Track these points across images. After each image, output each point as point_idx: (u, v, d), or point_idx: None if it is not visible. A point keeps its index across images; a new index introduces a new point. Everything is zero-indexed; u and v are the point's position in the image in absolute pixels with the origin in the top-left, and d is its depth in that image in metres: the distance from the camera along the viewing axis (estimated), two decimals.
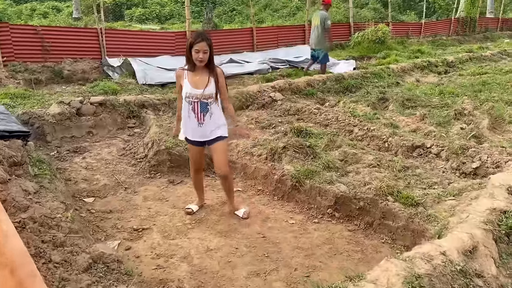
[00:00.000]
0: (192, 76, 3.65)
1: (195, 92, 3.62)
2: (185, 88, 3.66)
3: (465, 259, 2.72)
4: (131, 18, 24.84)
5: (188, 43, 3.53)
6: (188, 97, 3.65)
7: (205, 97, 3.62)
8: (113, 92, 7.59)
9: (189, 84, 3.64)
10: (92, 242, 3.36)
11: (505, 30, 22.17)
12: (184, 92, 3.68)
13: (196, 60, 3.54)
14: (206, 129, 3.74)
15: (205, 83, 3.61)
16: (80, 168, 5.11)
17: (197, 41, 3.47)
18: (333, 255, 3.53)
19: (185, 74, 3.69)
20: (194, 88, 3.62)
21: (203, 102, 3.65)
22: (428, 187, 4.17)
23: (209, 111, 3.69)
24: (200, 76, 3.63)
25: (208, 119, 3.71)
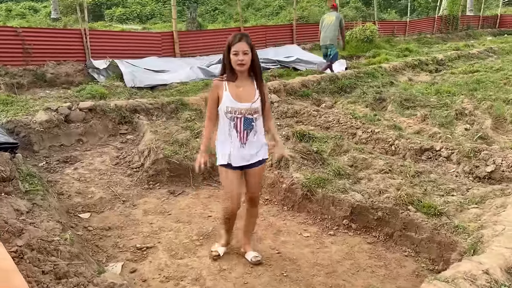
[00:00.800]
0: (233, 87, 3.02)
1: (239, 106, 2.99)
2: (225, 101, 3.01)
3: (509, 277, 2.53)
4: (111, 18, 24.22)
5: (226, 46, 2.98)
6: (229, 112, 3.01)
7: (250, 112, 3.02)
8: (101, 96, 7.21)
9: (230, 96, 3.00)
10: (95, 267, 3.05)
11: (486, 28, 22.44)
12: (223, 107, 3.02)
13: (235, 65, 2.94)
14: (248, 150, 3.11)
15: (251, 95, 3.02)
16: (72, 180, 4.76)
17: (235, 41, 2.92)
18: (356, 272, 3.30)
19: (224, 85, 3.03)
20: (237, 102, 2.99)
21: (247, 118, 3.03)
22: (446, 194, 3.99)
23: (253, 128, 3.07)
24: (243, 87, 3.02)
25: (252, 138, 3.09)
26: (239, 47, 2.91)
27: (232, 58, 2.95)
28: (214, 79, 3.16)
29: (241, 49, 2.91)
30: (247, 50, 2.93)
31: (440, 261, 3.31)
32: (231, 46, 2.93)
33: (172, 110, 6.58)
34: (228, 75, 3.04)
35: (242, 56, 2.92)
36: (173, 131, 5.58)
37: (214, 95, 3.09)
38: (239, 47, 2.91)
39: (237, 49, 2.91)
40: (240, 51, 2.91)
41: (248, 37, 2.98)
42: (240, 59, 2.92)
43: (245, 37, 2.96)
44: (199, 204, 4.39)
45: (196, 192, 4.67)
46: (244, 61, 2.93)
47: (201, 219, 4.10)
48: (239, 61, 2.92)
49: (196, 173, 4.84)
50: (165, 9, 25.55)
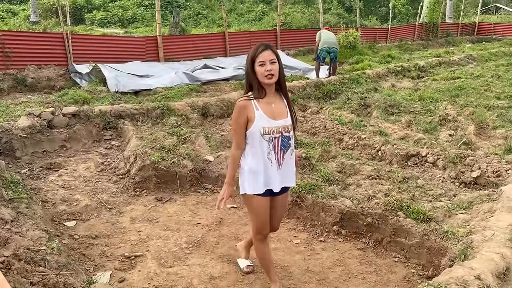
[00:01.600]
0: (265, 105, 2.65)
1: (276, 125, 2.65)
2: (260, 122, 2.63)
3: (500, 282, 2.56)
4: (92, 22, 23.90)
5: (249, 59, 2.64)
6: (267, 133, 2.64)
7: (287, 130, 2.71)
8: (84, 101, 7.11)
9: (265, 115, 2.63)
10: (83, 276, 2.97)
11: (465, 35, 22.97)
12: (257, 129, 2.63)
13: (263, 77, 2.58)
14: (285, 171, 2.79)
15: (283, 110, 2.70)
16: (56, 187, 4.64)
17: (259, 51, 2.60)
18: (347, 279, 3.30)
19: (253, 104, 2.64)
20: (273, 120, 2.64)
21: (285, 137, 2.71)
22: (434, 199, 4.04)
23: (290, 147, 2.77)
24: (275, 103, 2.69)
25: (289, 158, 2.78)
26: (265, 57, 2.58)
27: (258, 70, 2.59)
28: (239, 100, 2.70)
29: (268, 59, 2.58)
30: (274, 59, 2.60)
31: (430, 266, 3.33)
32: (255, 57, 2.60)
33: (158, 116, 6.50)
34: (255, 92, 2.66)
35: (270, 65, 2.58)
36: (159, 136, 5.51)
37: (242, 119, 2.66)
38: (265, 56, 2.58)
39: (263, 59, 2.58)
40: (267, 61, 2.57)
41: (272, 46, 2.67)
42: (268, 69, 2.57)
43: (270, 46, 2.65)
44: (187, 211, 4.34)
45: (184, 199, 4.61)
46: (273, 71, 2.58)
47: (190, 226, 4.04)
48: (267, 72, 2.57)
49: (184, 180, 4.83)
50: (147, 13, 25.36)
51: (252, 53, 2.63)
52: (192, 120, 6.57)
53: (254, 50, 2.62)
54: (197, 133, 5.93)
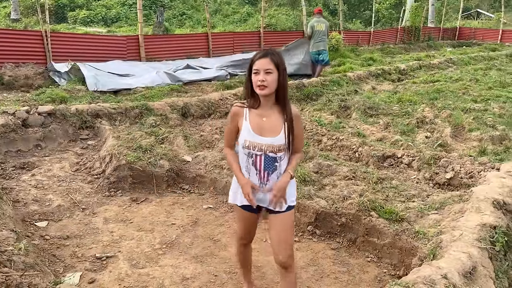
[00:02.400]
0: (255, 117, 2.46)
1: (259, 141, 2.44)
2: (243, 133, 2.48)
3: (466, 281, 2.59)
4: (75, 21, 23.60)
5: (248, 66, 2.44)
6: (247, 147, 2.46)
7: (273, 150, 2.44)
8: (61, 100, 7.01)
9: (250, 128, 2.45)
10: (52, 277, 2.92)
11: (446, 39, 23.34)
12: (241, 139, 2.50)
13: (255, 85, 2.37)
14: (269, 194, 2.51)
15: (276, 128, 2.45)
16: (29, 187, 4.56)
17: (256, 58, 2.39)
18: (320, 278, 3.31)
19: (245, 112, 2.49)
20: (257, 135, 2.44)
21: (268, 157, 2.45)
22: (407, 200, 4.08)
23: (277, 169, 2.49)
24: (268, 118, 2.46)
25: (275, 179, 2.50)
26: (260, 65, 2.36)
27: (253, 78, 2.39)
28: (234, 105, 2.58)
29: (262, 67, 2.34)
30: (271, 69, 2.34)
31: (402, 266, 3.37)
32: (252, 64, 2.41)
33: (136, 115, 6.44)
34: (250, 101, 2.48)
35: (263, 75, 2.33)
36: (136, 136, 5.46)
37: (232, 125, 2.55)
38: (260, 65, 2.35)
39: (258, 67, 2.36)
40: (262, 70, 2.34)
41: (275, 54, 2.39)
42: (260, 79, 2.33)
43: (271, 53, 2.39)
44: (163, 211, 4.30)
45: (159, 199, 4.58)
46: (266, 82, 2.33)
47: (165, 227, 4.01)
48: (259, 83, 2.34)
49: (160, 180, 4.78)
50: (131, 13, 25.14)
51: (251, 58, 2.43)
52: (172, 120, 6.53)
53: (254, 55, 2.43)
54: (176, 133, 5.89)
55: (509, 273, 2.95)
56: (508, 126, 6.48)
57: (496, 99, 8.28)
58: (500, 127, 6.39)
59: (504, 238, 3.04)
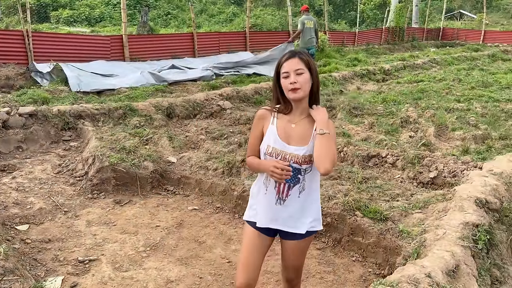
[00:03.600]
0: (284, 122, 2.23)
1: (284, 149, 2.18)
2: (268, 139, 2.22)
3: (450, 280, 2.61)
4: (57, 20, 23.28)
5: (275, 71, 2.23)
6: (269, 154, 2.21)
7: (298, 160, 2.17)
8: (43, 101, 6.88)
9: (276, 133, 2.20)
10: (32, 282, 2.86)
11: (430, 40, 23.62)
12: (264, 145, 2.24)
13: (287, 91, 2.15)
14: (286, 211, 2.25)
15: (305, 136, 2.21)
16: (9, 189, 4.46)
17: (283, 60, 2.19)
18: (305, 279, 3.30)
19: (273, 116, 2.25)
20: (283, 142, 2.19)
21: (293, 169, 2.18)
22: (391, 199, 4.10)
23: (299, 183, 2.22)
24: (298, 125, 2.22)
25: (296, 197, 2.23)
26: (289, 66, 2.15)
27: (282, 83, 2.17)
28: (261, 107, 2.35)
29: (292, 68, 2.13)
30: (302, 68, 2.14)
31: (386, 265, 3.38)
32: (280, 67, 2.19)
33: (120, 116, 6.36)
34: (281, 106, 2.26)
35: (294, 76, 2.12)
36: (120, 137, 5.40)
37: (258, 130, 2.28)
38: (290, 66, 2.14)
39: (288, 68, 2.14)
40: (292, 71, 2.13)
41: (303, 54, 2.20)
42: (291, 80, 2.12)
43: (299, 53, 2.20)
44: (147, 213, 4.25)
45: (144, 201, 4.52)
46: (299, 83, 2.12)
47: (149, 229, 3.96)
48: (290, 85, 2.12)
49: (144, 182, 4.73)
50: (115, 12, 24.90)
51: (277, 63, 2.23)
52: (156, 120, 6.47)
53: (279, 59, 2.23)
54: (161, 134, 5.84)
55: (491, 271, 2.98)
56: (490, 126, 6.57)
57: (479, 98, 8.40)
58: (482, 127, 6.48)
59: (487, 236, 3.07)
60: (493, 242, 3.20)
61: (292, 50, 2.25)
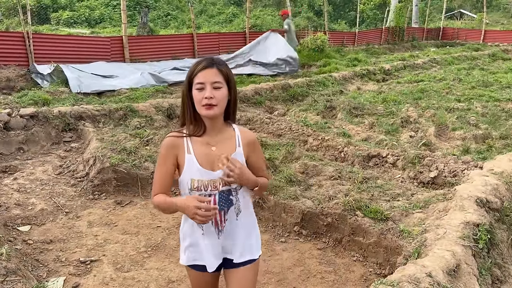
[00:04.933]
0: (201, 147, 1.90)
1: (212, 177, 1.88)
2: (189, 171, 1.88)
3: (451, 279, 2.62)
4: (58, 22, 23.35)
5: (186, 80, 1.86)
6: (196, 189, 1.88)
7: (227, 181, 1.90)
8: (44, 102, 6.89)
9: (197, 163, 1.87)
10: (34, 283, 2.87)
11: (430, 39, 23.63)
12: (185, 180, 1.89)
13: (199, 107, 1.82)
14: (229, 240, 1.98)
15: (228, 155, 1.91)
16: (11, 191, 4.47)
17: (198, 68, 1.82)
18: (306, 279, 3.31)
19: (186, 143, 1.90)
20: (208, 171, 1.88)
21: (223, 193, 1.92)
22: (392, 199, 4.10)
23: (233, 204, 1.95)
24: (218, 146, 1.91)
25: (234, 220, 1.97)
26: (206, 77, 1.81)
27: (195, 95, 1.82)
28: (168, 135, 1.96)
29: (210, 80, 1.80)
30: (220, 81, 1.82)
31: (387, 265, 3.39)
32: (194, 76, 1.82)
33: (121, 117, 6.37)
34: (192, 126, 1.91)
35: (210, 91, 1.80)
36: (121, 138, 5.41)
37: (169, 163, 1.91)
38: (206, 77, 1.81)
39: (203, 79, 1.80)
40: (208, 83, 1.80)
41: (222, 64, 1.86)
42: (207, 95, 1.79)
43: (217, 62, 1.85)
44: (148, 214, 4.26)
45: (145, 202, 4.53)
46: (215, 99, 1.80)
47: (150, 230, 3.97)
48: (205, 101, 1.79)
49: (145, 182, 4.73)
50: (115, 13, 24.95)
51: (189, 71, 1.86)
52: (157, 121, 6.48)
53: (193, 66, 1.85)
54: (161, 135, 5.84)
55: (492, 270, 2.99)
56: (490, 125, 6.58)
57: (479, 98, 8.40)
58: (483, 126, 6.49)
59: (487, 235, 3.08)
60: (494, 242, 3.21)
61: (210, 57, 1.88)
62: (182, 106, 1.93)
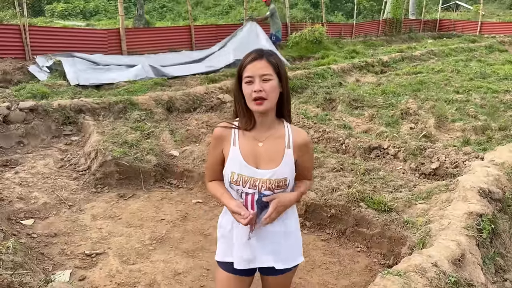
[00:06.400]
0: (248, 141, 1.83)
1: (252, 175, 1.80)
2: (231, 164, 1.82)
3: (456, 268, 2.65)
4: (52, 14, 23.12)
5: (236, 73, 1.80)
6: (235, 182, 1.81)
7: (271, 187, 1.80)
8: (42, 95, 6.85)
9: (240, 157, 1.81)
10: (41, 276, 2.87)
11: (427, 31, 23.61)
12: (227, 172, 1.84)
13: (249, 99, 1.75)
14: (258, 246, 1.87)
15: (274, 157, 1.82)
16: (13, 184, 4.46)
17: (247, 61, 1.75)
18: (311, 269, 3.34)
19: (233, 135, 1.84)
20: (250, 166, 1.80)
21: (263, 196, 1.80)
22: (394, 190, 4.13)
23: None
24: (265, 142, 1.83)
25: (268, 227, 1.85)
26: (254, 69, 1.73)
27: (244, 89, 1.76)
28: (218, 125, 1.91)
29: (258, 73, 1.72)
30: (269, 74, 1.73)
31: (391, 255, 3.42)
32: (243, 69, 1.76)
33: (120, 110, 6.35)
34: (241, 121, 1.84)
35: (260, 84, 1.71)
36: (121, 131, 5.39)
37: (217, 153, 1.88)
38: (255, 69, 1.73)
39: (252, 72, 1.73)
40: (256, 76, 1.72)
41: (272, 55, 1.78)
42: (256, 88, 1.71)
43: (267, 53, 1.77)
44: (151, 207, 4.27)
45: (147, 194, 4.53)
46: (264, 92, 1.72)
47: (154, 222, 3.98)
48: (255, 94, 1.71)
49: (148, 175, 4.74)
50: (110, 5, 24.74)
51: (239, 65, 1.79)
52: (157, 114, 6.46)
53: (243, 59, 1.78)
54: (162, 128, 5.84)
55: (495, 260, 3.02)
56: (489, 116, 6.61)
57: (478, 90, 8.42)
58: (482, 118, 6.51)
59: (490, 225, 3.11)
60: (497, 232, 3.24)
61: (260, 49, 1.79)
62: (234, 100, 1.87)
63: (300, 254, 2.03)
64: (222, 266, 1.97)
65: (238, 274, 1.92)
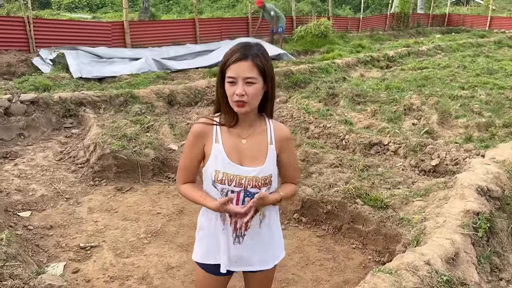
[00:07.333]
0: (231, 137, 1.78)
1: (238, 173, 1.75)
2: (214, 162, 1.76)
3: (449, 267, 2.61)
4: (59, 6, 23.15)
5: (219, 69, 1.72)
6: (220, 181, 1.75)
7: (257, 184, 1.76)
8: (45, 88, 6.86)
9: (224, 154, 1.76)
10: (34, 268, 2.88)
11: (435, 26, 23.34)
12: (209, 171, 1.78)
13: (231, 102, 1.69)
14: (247, 249, 1.85)
15: (259, 154, 1.79)
16: (12, 176, 4.48)
17: (234, 59, 1.65)
18: (305, 265, 3.32)
19: (215, 132, 1.78)
20: (235, 164, 1.76)
21: (250, 194, 1.77)
22: (392, 187, 4.09)
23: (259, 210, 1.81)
24: (249, 139, 1.79)
25: (257, 228, 1.84)
26: (238, 70, 1.64)
27: (227, 89, 1.69)
28: (197, 121, 1.86)
29: (242, 75, 1.64)
30: (254, 77, 1.65)
31: (386, 252, 3.39)
32: (226, 67, 1.67)
33: (121, 103, 6.35)
34: (223, 117, 1.79)
35: (242, 87, 1.64)
36: (121, 125, 5.39)
37: (197, 150, 1.80)
38: (239, 71, 1.64)
39: (235, 73, 1.64)
40: (240, 78, 1.64)
41: (259, 55, 1.67)
42: (238, 92, 1.64)
43: (254, 54, 1.66)
44: (148, 200, 4.27)
45: (145, 188, 4.53)
46: (246, 96, 1.65)
47: (150, 216, 3.98)
48: (236, 97, 1.65)
49: (146, 169, 4.73)
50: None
51: (223, 59, 1.70)
52: (157, 108, 6.45)
53: (227, 56, 1.68)
54: (162, 121, 5.83)
55: (491, 259, 2.99)
56: (494, 113, 6.52)
57: (483, 86, 8.31)
58: (486, 114, 6.42)
59: (487, 224, 3.07)
60: (494, 230, 3.20)
61: (246, 45, 1.67)
62: (216, 95, 1.80)
63: (282, 250, 2.03)
64: (203, 267, 1.93)
65: (220, 275, 1.89)
